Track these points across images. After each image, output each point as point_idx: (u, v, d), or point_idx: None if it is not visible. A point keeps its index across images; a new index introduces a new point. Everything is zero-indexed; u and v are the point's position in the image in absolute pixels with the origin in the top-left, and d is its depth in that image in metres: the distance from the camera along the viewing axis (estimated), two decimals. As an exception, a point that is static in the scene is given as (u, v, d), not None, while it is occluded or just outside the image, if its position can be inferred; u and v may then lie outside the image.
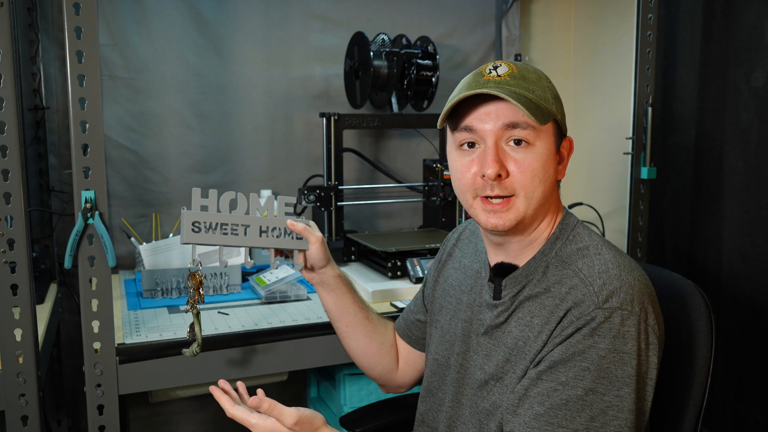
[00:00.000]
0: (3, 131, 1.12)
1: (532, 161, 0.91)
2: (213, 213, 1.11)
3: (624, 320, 0.85)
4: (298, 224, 1.17)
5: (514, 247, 0.98)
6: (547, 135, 0.92)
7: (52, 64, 1.88)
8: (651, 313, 0.88)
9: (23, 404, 1.19)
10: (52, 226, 1.89)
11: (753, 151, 1.71)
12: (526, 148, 0.91)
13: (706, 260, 1.86)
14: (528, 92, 0.91)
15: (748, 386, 1.74)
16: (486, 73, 0.93)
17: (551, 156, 0.93)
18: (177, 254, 1.71)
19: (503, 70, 0.92)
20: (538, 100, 0.91)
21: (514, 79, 0.91)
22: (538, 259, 0.95)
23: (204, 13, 2.00)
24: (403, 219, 2.33)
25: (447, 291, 1.12)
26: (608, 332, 0.85)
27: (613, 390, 0.84)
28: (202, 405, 2.12)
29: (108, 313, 1.24)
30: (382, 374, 1.26)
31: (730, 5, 1.76)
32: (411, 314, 1.24)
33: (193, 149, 2.03)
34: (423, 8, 2.25)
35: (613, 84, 2.20)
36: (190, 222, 1.08)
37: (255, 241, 1.14)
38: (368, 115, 2.01)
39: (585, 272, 0.90)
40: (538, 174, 0.91)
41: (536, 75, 0.94)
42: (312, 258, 1.18)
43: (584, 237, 0.95)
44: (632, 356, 0.85)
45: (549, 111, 0.91)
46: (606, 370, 0.84)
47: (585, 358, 0.85)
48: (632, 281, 0.88)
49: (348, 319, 1.23)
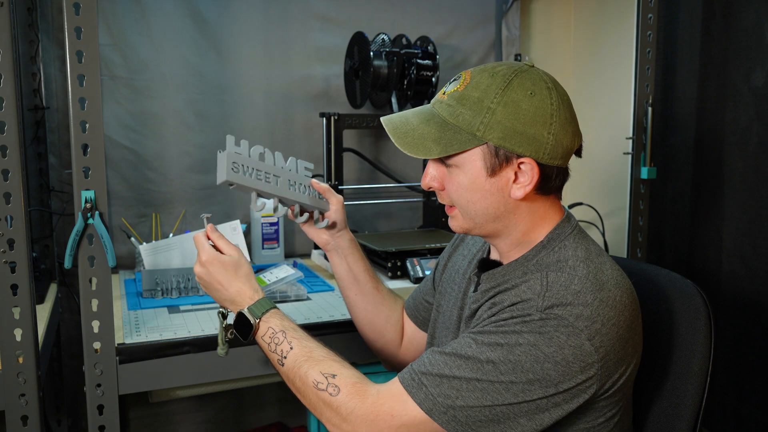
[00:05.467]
0: (3, 131, 1.12)
1: (457, 179, 0.95)
2: (246, 158, 1.12)
3: (558, 327, 0.85)
4: (322, 184, 1.22)
5: (501, 246, 1.00)
6: (475, 159, 0.92)
7: (52, 64, 1.87)
8: (602, 336, 0.85)
9: (23, 404, 1.19)
10: (52, 226, 1.89)
11: (753, 151, 1.71)
12: (453, 168, 0.95)
13: (706, 260, 1.86)
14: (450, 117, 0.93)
15: (748, 386, 1.74)
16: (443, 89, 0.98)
17: (482, 177, 0.93)
18: (177, 254, 1.71)
19: (451, 87, 0.96)
20: (451, 128, 0.92)
21: (451, 98, 0.94)
22: (519, 263, 0.97)
23: (204, 13, 2.00)
24: (403, 219, 2.33)
25: (452, 277, 1.15)
26: (537, 329, 0.86)
27: (511, 374, 0.85)
28: (202, 405, 2.12)
29: (108, 313, 1.24)
30: (385, 347, 1.28)
31: (730, 5, 1.76)
32: (420, 294, 1.27)
33: (193, 149, 2.03)
34: (423, 8, 2.25)
35: (613, 84, 2.20)
36: (230, 161, 1.09)
37: (284, 192, 1.16)
38: (368, 115, 2.01)
39: (549, 280, 0.90)
40: (465, 194, 0.95)
41: (484, 92, 0.91)
42: (332, 218, 1.23)
43: (569, 250, 0.95)
44: (549, 360, 0.84)
45: (462, 140, 0.91)
46: (516, 356, 0.85)
47: (504, 336, 0.87)
48: (590, 300, 0.87)
49: (359, 287, 1.25)
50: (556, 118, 0.91)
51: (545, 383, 0.84)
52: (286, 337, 1.01)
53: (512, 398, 0.85)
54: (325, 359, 0.97)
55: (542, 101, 0.91)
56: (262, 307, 1.05)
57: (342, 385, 0.92)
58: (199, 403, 2.11)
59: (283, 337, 1.01)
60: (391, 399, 0.90)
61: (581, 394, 0.86)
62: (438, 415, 0.87)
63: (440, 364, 0.89)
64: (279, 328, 1.02)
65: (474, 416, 0.86)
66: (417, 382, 0.89)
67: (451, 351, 0.90)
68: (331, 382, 0.93)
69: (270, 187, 1.14)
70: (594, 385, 0.86)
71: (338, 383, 0.93)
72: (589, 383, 0.86)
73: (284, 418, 2.21)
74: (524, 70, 0.93)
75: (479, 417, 0.86)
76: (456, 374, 0.87)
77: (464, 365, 0.87)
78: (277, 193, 1.15)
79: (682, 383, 1.00)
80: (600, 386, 0.87)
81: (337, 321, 1.33)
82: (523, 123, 0.90)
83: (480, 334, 0.89)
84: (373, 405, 0.90)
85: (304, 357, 0.98)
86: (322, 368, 0.95)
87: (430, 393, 0.88)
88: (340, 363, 0.97)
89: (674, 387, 1.01)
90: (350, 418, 0.90)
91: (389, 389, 0.91)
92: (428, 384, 0.88)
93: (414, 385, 0.89)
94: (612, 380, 0.88)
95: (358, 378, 0.94)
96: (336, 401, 0.91)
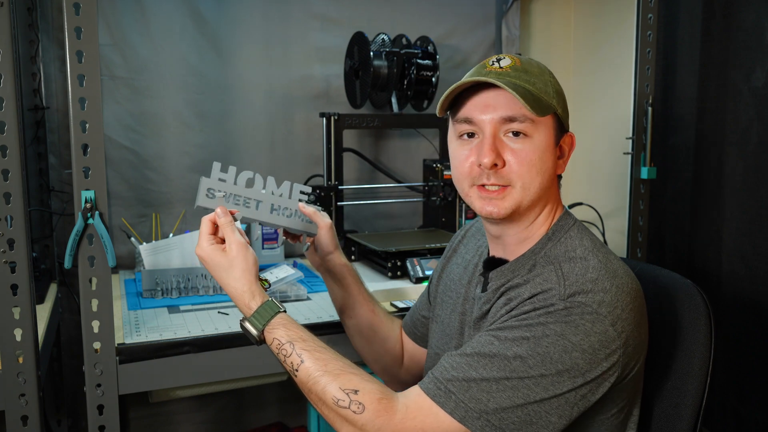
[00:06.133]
0: (3, 131, 1.12)
1: (529, 152, 0.92)
2: (229, 184, 1.15)
3: (583, 314, 0.85)
4: (309, 207, 1.21)
5: (511, 240, 0.99)
6: (546, 128, 0.93)
7: (52, 64, 1.87)
8: (623, 321, 0.86)
9: (23, 404, 1.19)
10: (52, 226, 1.89)
11: (753, 151, 1.71)
12: (524, 139, 0.93)
13: (706, 260, 1.86)
14: (528, 84, 0.92)
15: (748, 386, 1.74)
16: (489, 65, 0.95)
17: (549, 149, 0.94)
18: (177, 254, 1.71)
19: (506, 63, 0.94)
20: (538, 92, 0.92)
21: (515, 71, 0.93)
22: (527, 257, 0.97)
23: (204, 13, 2.00)
24: (403, 219, 2.33)
25: (448, 286, 1.14)
26: (562, 318, 0.85)
27: (540, 368, 0.84)
28: (202, 405, 2.12)
29: (108, 313, 1.24)
30: (386, 369, 1.27)
31: (730, 5, 1.76)
32: (417, 311, 1.26)
33: (193, 149, 2.03)
34: (423, 8, 2.25)
35: (613, 84, 2.20)
36: (205, 188, 1.12)
37: (265, 216, 1.19)
38: (368, 115, 2.01)
39: (564, 271, 0.90)
40: (535, 165, 0.93)
41: (539, 69, 0.96)
42: (320, 243, 1.22)
43: (575, 241, 0.95)
44: (576, 348, 0.84)
45: (548, 104, 0.92)
46: (545, 348, 0.84)
47: (530, 330, 0.86)
48: (608, 287, 0.87)
49: (353, 311, 1.24)
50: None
51: (574, 373, 0.84)
52: (295, 349, 0.94)
53: (543, 393, 0.84)
54: (343, 372, 0.90)
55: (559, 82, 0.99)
56: (263, 317, 0.97)
57: (367, 401, 0.86)
58: (199, 403, 2.11)
59: (291, 349, 0.94)
60: (420, 413, 0.85)
61: (605, 383, 0.86)
62: (471, 422, 0.84)
63: (464, 366, 0.86)
64: (285, 340, 0.95)
65: (507, 418, 0.84)
66: (444, 390, 0.85)
67: (472, 351, 0.87)
68: (353, 399, 0.87)
69: (247, 212, 1.17)
70: (616, 372, 0.86)
71: (362, 400, 0.86)
72: (612, 371, 0.86)
73: (284, 418, 2.21)
74: None
75: (512, 419, 0.84)
76: (484, 375, 0.85)
77: (490, 364, 0.85)
78: (255, 217, 1.18)
79: (682, 383, 1.00)
80: (621, 373, 0.87)
81: (336, 321, 1.33)
82: (564, 99, 0.97)
83: (502, 330, 0.88)
84: (401, 422, 0.85)
85: (319, 372, 0.91)
86: (341, 383, 0.89)
87: (460, 400, 0.84)
88: (359, 375, 0.90)
89: (674, 387, 1.01)
90: None
91: (416, 402, 0.86)
92: (456, 390, 0.85)
93: (441, 394, 0.85)
94: (630, 366, 0.88)
95: (382, 393, 0.88)
96: (361, 419, 0.86)
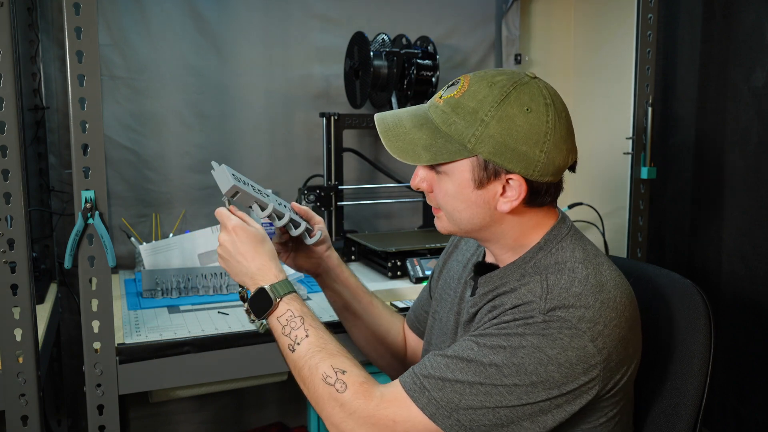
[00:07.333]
0: (3, 131, 1.12)
1: (444, 186, 0.95)
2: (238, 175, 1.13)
3: (562, 329, 0.85)
4: (302, 206, 1.23)
5: (495, 250, 1.00)
6: (463, 169, 0.92)
7: (52, 64, 1.87)
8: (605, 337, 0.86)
9: (23, 404, 1.19)
10: (52, 226, 1.89)
11: (753, 151, 1.71)
12: (442, 174, 0.95)
13: (706, 260, 1.86)
14: (423, 132, 0.93)
15: (748, 386, 1.74)
16: (441, 92, 0.96)
17: (469, 189, 0.93)
18: (177, 254, 1.71)
19: (449, 92, 0.94)
20: (431, 141, 0.92)
21: (446, 105, 0.93)
22: (517, 265, 0.96)
23: (204, 13, 2.00)
24: (403, 219, 2.33)
25: (448, 283, 1.14)
26: (540, 331, 0.85)
27: (515, 377, 0.85)
28: (202, 405, 2.12)
29: (108, 313, 1.24)
30: (391, 365, 1.28)
31: (730, 5, 1.76)
32: (419, 306, 1.27)
33: (193, 149, 2.03)
34: (423, 8, 2.25)
35: (613, 84, 2.20)
36: (228, 172, 1.10)
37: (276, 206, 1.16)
38: (368, 115, 2.01)
39: (549, 283, 0.90)
40: (455, 197, 0.95)
41: (478, 105, 0.90)
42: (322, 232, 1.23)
43: (566, 252, 0.94)
44: (552, 362, 0.84)
45: (451, 150, 0.91)
46: (520, 359, 0.85)
47: (507, 339, 0.86)
48: (591, 302, 0.87)
49: (353, 308, 1.25)
50: (550, 136, 0.89)
51: (549, 385, 0.84)
52: (304, 324, 0.98)
53: (516, 401, 0.85)
54: (338, 354, 0.96)
55: (538, 118, 0.89)
56: (285, 287, 1.02)
57: (350, 382, 0.91)
58: (199, 403, 2.11)
59: (300, 323, 0.98)
60: (394, 404, 0.89)
61: (584, 395, 0.86)
62: (441, 420, 0.86)
63: (442, 367, 0.88)
64: (298, 313, 1.00)
65: (478, 420, 0.85)
66: (419, 386, 0.88)
67: (452, 354, 0.89)
68: (339, 378, 0.92)
69: (265, 200, 1.15)
70: (597, 386, 0.86)
71: (346, 380, 0.92)
72: (591, 384, 0.86)
73: (284, 418, 2.21)
74: (524, 83, 0.91)
75: (483, 421, 0.85)
76: (459, 378, 0.87)
77: (466, 368, 0.87)
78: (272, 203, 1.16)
79: (682, 383, 1.00)
80: (602, 387, 0.87)
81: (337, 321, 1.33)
82: (515, 140, 0.89)
83: (482, 337, 0.89)
84: (376, 408, 0.89)
85: (318, 348, 0.96)
86: (333, 362, 0.94)
87: (432, 397, 0.87)
88: (351, 360, 0.96)
89: (674, 387, 1.01)
90: (353, 417, 0.90)
91: (393, 393, 0.90)
92: (430, 388, 0.87)
93: (416, 389, 0.88)
94: (614, 381, 0.88)
95: (365, 378, 0.93)
96: (342, 398, 0.91)
